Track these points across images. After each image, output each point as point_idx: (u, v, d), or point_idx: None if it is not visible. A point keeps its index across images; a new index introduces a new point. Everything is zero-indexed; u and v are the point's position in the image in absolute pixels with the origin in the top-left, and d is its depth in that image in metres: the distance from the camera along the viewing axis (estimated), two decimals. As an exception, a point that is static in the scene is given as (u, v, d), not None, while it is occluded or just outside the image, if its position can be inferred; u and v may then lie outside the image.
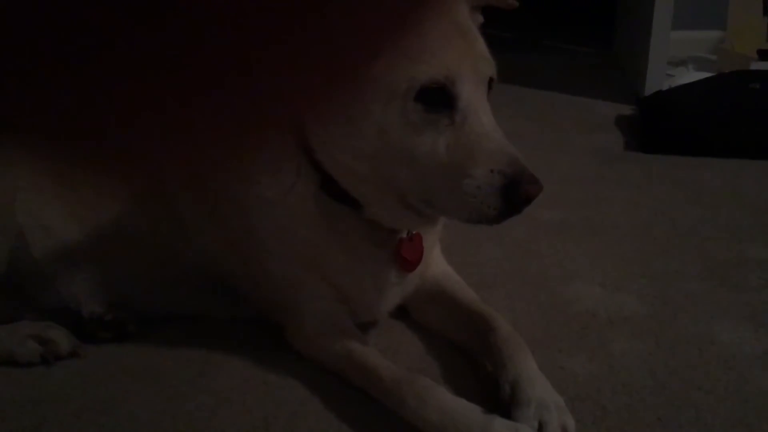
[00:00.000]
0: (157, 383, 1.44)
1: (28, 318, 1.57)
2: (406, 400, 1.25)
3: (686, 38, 3.80)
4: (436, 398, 1.24)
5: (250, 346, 1.55)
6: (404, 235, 1.46)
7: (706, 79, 3.17)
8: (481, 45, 1.29)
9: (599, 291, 1.74)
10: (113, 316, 1.58)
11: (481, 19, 1.41)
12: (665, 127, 2.76)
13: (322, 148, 1.35)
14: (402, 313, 1.63)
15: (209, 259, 1.56)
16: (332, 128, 1.32)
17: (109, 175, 1.60)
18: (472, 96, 1.22)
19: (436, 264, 1.65)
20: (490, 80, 1.30)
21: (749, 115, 2.67)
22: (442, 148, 1.21)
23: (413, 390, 1.25)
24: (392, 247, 1.45)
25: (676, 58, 3.67)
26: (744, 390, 1.37)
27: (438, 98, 1.20)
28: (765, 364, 1.45)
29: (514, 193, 1.17)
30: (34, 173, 1.60)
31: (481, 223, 1.22)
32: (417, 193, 1.27)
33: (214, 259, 1.56)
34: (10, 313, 1.57)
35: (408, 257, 1.46)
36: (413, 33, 1.22)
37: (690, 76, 3.40)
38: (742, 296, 1.70)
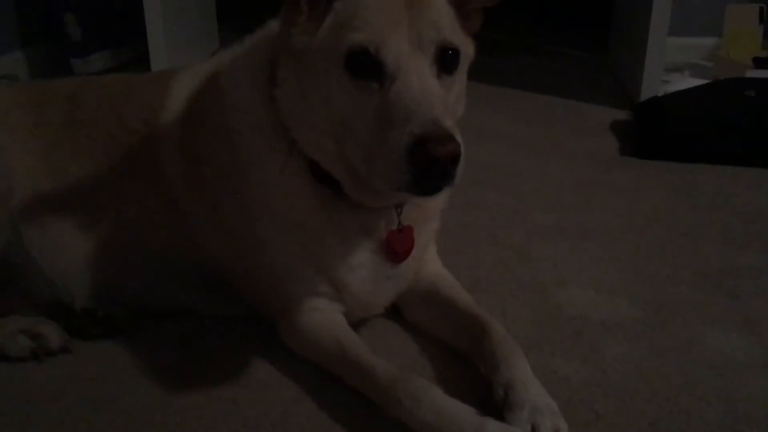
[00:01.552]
0: (147, 380, 1.44)
1: (19, 313, 1.56)
2: (401, 400, 1.25)
3: (682, 44, 3.81)
4: (431, 399, 1.24)
5: (242, 344, 1.55)
6: (394, 227, 1.46)
7: (702, 85, 3.17)
8: (432, 14, 1.27)
9: (593, 295, 1.74)
10: (105, 312, 1.57)
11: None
12: (660, 132, 2.77)
13: (293, 127, 1.37)
14: (396, 314, 1.63)
15: (206, 253, 1.56)
16: (295, 105, 1.34)
17: (106, 170, 1.60)
18: (404, 61, 1.21)
19: (432, 264, 1.65)
20: (453, 51, 1.28)
21: (744, 122, 2.68)
22: (371, 112, 1.21)
23: (408, 390, 1.25)
24: (383, 237, 1.46)
25: (672, 64, 3.68)
26: (735, 396, 1.38)
27: (367, 64, 1.21)
28: (756, 370, 1.46)
29: (419, 154, 1.13)
30: (31, 169, 1.59)
31: (402, 191, 1.19)
32: (361, 164, 1.26)
33: (211, 253, 1.56)
34: (2, 307, 1.56)
35: (396, 248, 1.46)
36: (354, 2, 1.25)
37: (685, 82, 3.41)
38: (735, 303, 1.71)
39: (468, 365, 1.46)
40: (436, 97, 1.20)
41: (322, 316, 1.47)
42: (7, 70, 3.54)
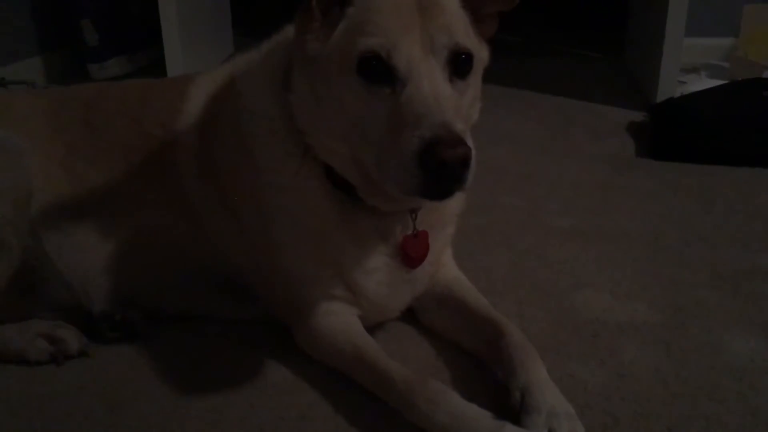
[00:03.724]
0: (164, 384, 1.45)
1: (39, 317, 1.58)
2: (418, 403, 1.24)
3: (699, 45, 3.79)
4: (447, 402, 1.24)
5: (259, 348, 1.55)
6: (409, 232, 1.46)
7: (719, 86, 3.15)
8: (445, 18, 1.26)
9: (609, 298, 1.73)
10: (123, 316, 1.58)
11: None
12: (677, 134, 2.75)
13: (308, 132, 1.37)
14: (412, 317, 1.63)
15: (223, 256, 1.57)
16: (309, 110, 1.34)
17: (124, 174, 1.61)
18: (415, 66, 1.21)
19: (448, 268, 1.64)
20: (466, 56, 1.28)
21: (762, 123, 2.65)
22: (383, 117, 1.21)
23: (425, 393, 1.25)
24: (398, 241, 1.46)
25: (689, 65, 3.66)
26: (755, 400, 1.36)
27: (379, 69, 1.22)
28: (776, 375, 1.44)
29: (429, 158, 1.12)
30: (50, 174, 1.61)
31: (413, 194, 1.18)
32: (373, 168, 1.26)
33: (227, 257, 1.57)
34: (22, 311, 1.57)
35: (411, 253, 1.46)
36: (366, 7, 1.25)
37: (702, 83, 3.39)
38: (754, 306, 1.69)
39: (484, 369, 1.46)
40: (447, 101, 1.20)
41: (339, 320, 1.47)
42: (25, 75, 3.58)
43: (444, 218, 1.55)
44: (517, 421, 1.23)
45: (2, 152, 1.56)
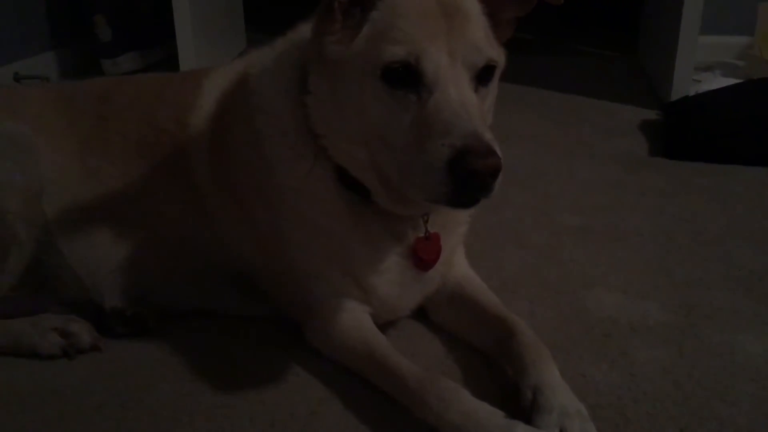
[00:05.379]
0: (175, 379, 1.45)
1: (51, 311, 1.58)
2: (429, 402, 1.24)
3: (714, 43, 3.76)
4: (459, 401, 1.23)
5: (269, 344, 1.55)
6: (421, 234, 1.46)
7: (734, 85, 3.13)
8: (471, 27, 1.26)
9: (621, 298, 1.73)
10: (134, 311, 1.59)
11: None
12: (691, 133, 2.73)
13: (324, 135, 1.37)
14: (422, 315, 1.63)
15: (234, 253, 1.57)
16: (326, 113, 1.34)
17: (137, 169, 1.62)
18: (443, 72, 1.20)
19: (459, 267, 1.64)
20: (490, 66, 1.27)
21: (777, 123, 2.63)
22: (408, 124, 1.20)
23: (436, 391, 1.25)
24: (410, 242, 1.46)
25: (703, 64, 3.63)
26: (768, 402, 1.35)
27: (404, 75, 1.21)
28: (790, 376, 1.43)
29: (460, 167, 1.12)
30: (63, 169, 1.61)
31: (441, 203, 1.18)
32: (395, 174, 1.25)
33: (239, 253, 1.57)
34: (34, 305, 1.58)
35: (423, 256, 1.46)
36: (391, 12, 1.24)
37: (717, 81, 3.36)
38: (767, 307, 1.68)
39: (495, 367, 1.45)
40: (474, 109, 1.20)
41: (350, 317, 1.47)
42: (38, 70, 3.60)
43: (456, 219, 1.55)
44: (528, 420, 1.23)
45: (14, 147, 1.57)
